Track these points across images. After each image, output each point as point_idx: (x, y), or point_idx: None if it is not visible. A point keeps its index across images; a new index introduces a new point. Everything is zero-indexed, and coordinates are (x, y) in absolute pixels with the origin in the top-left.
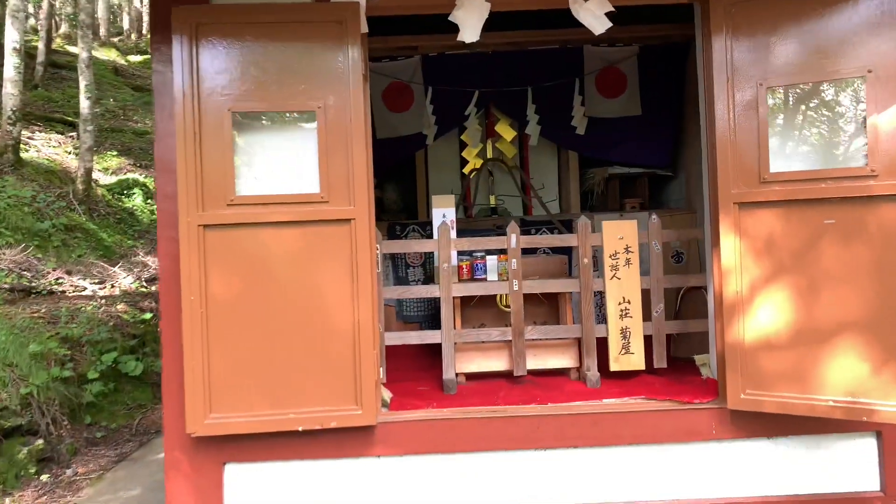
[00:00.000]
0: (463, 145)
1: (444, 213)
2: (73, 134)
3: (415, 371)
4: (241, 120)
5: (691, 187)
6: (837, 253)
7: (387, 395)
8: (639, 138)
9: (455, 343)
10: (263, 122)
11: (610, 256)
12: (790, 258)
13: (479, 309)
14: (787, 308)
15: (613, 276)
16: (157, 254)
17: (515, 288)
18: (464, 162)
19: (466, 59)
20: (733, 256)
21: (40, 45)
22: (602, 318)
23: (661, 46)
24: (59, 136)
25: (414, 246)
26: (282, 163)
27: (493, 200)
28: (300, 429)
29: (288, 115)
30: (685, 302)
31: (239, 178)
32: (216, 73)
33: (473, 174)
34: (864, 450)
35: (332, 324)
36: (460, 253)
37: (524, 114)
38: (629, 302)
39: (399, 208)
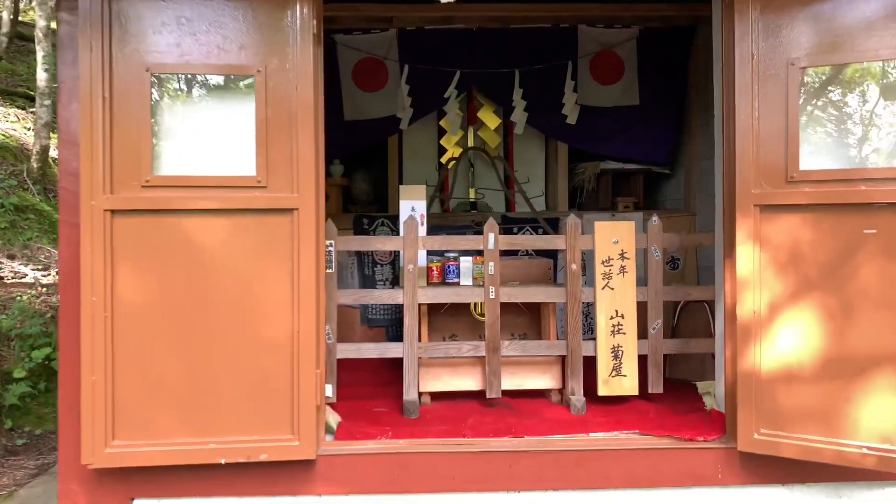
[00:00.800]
0: (442, 132)
1: (412, 205)
2: (35, 109)
3: (373, 386)
4: (163, 83)
5: (691, 187)
6: (879, 269)
7: (333, 419)
8: (635, 131)
9: (420, 358)
10: (190, 86)
11: (602, 263)
12: (820, 273)
13: (449, 317)
14: (813, 333)
15: (605, 285)
16: (59, 243)
17: (492, 296)
18: (442, 150)
19: (448, 35)
20: (751, 268)
21: (5, 16)
22: (590, 332)
23: (663, 30)
24: (20, 110)
25: (374, 244)
26: (212, 138)
27: (472, 194)
28: (223, 461)
29: (221, 79)
30: (684, 317)
31: (158, 155)
32: (134, 25)
33: (452, 164)
34: None
35: (266, 335)
36: (431, 253)
37: (510, 99)
38: (622, 316)
39: (370, 199)
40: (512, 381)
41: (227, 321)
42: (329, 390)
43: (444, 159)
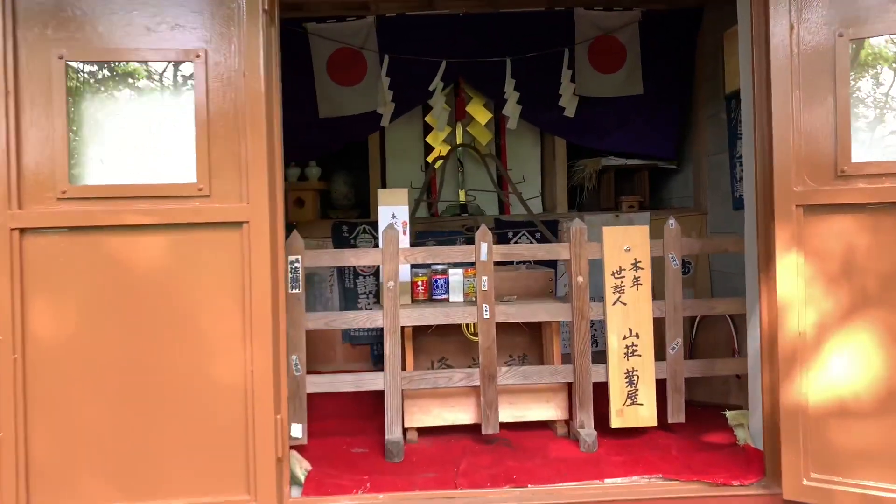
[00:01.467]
0: (428, 129)
1: (392, 211)
2: None
3: (353, 419)
4: (81, 74)
5: (700, 183)
6: None
7: (301, 468)
8: (639, 123)
9: (404, 389)
10: (115, 77)
11: (613, 274)
12: (880, 286)
13: (438, 337)
14: (874, 358)
15: (617, 300)
16: None
17: (486, 315)
18: (429, 149)
19: (431, 21)
20: (794, 281)
21: None
22: (598, 349)
23: (667, 12)
24: None
25: (349, 258)
26: (143, 139)
27: (462, 196)
28: None
29: (153, 67)
30: (703, 330)
31: (76, 161)
32: (42, 5)
33: (439, 164)
34: None
35: (214, 375)
36: (416, 265)
37: (501, 91)
38: (637, 335)
39: (351, 204)
40: (511, 411)
41: (165, 360)
42: (297, 430)
43: (430, 158)
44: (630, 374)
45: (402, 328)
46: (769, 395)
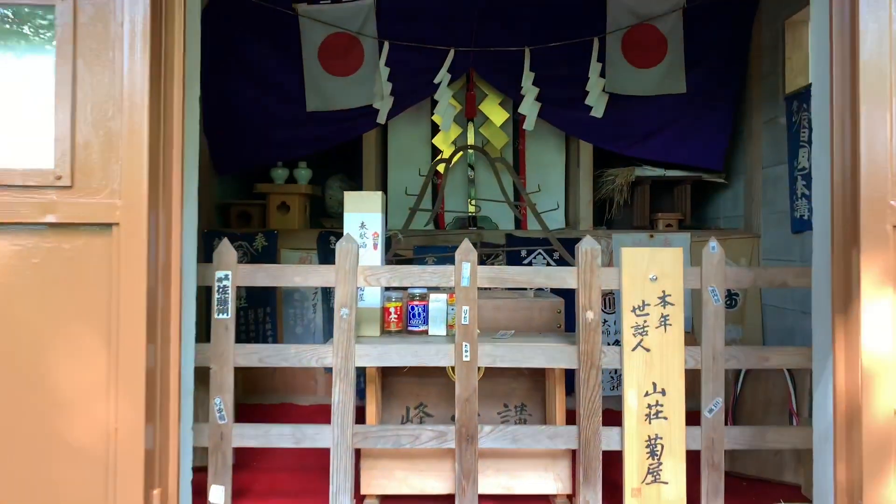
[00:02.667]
0: (436, 129)
1: (361, 219)
2: None
3: (299, 476)
4: None
5: (752, 200)
6: None
7: None
8: (680, 127)
9: (359, 448)
10: None
11: (634, 310)
12: None
13: (415, 378)
14: None
15: (638, 344)
16: None
17: (466, 357)
18: (437, 153)
19: (439, 4)
20: (887, 332)
21: None
22: (616, 392)
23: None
24: None
25: (291, 275)
26: None
27: (472, 207)
28: None
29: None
30: (751, 384)
31: None
32: None
33: (442, 167)
34: None
35: (62, 435)
36: (389, 288)
37: (519, 86)
38: (663, 392)
39: None
40: (498, 479)
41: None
42: (217, 495)
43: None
44: (652, 442)
45: (357, 369)
46: (846, 497)
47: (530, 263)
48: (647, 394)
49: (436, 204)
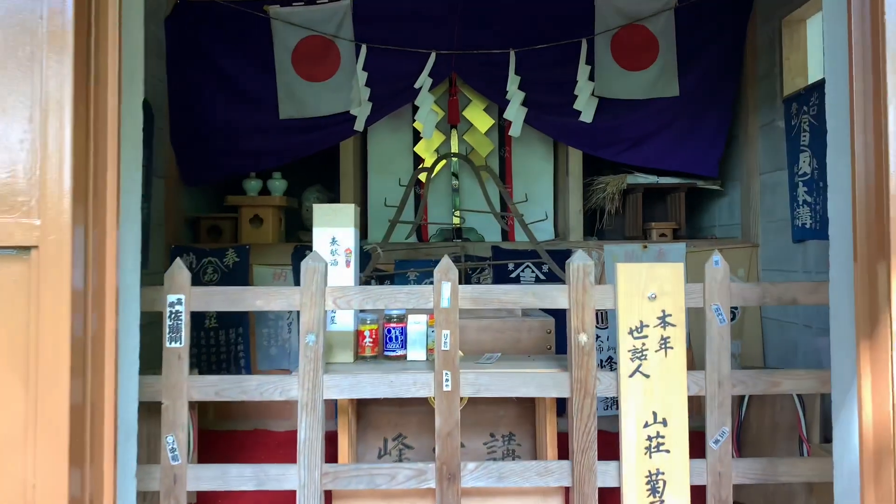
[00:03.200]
0: (419, 137)
1: (332, 234)
2: None
3: None
4: None
5: (750, 208)
6: None
7: None
8: (674, 132)
9: (330, 489)
10: None
11: (631, 332)
12: None
13: (395, 408)
14: None
15: (636, 370)
16: None
17: (447, 387)
18: (419, 161)
19: (420, 5)
20: None
21: None
22: (613, 412)
23: None
24: None
25: (251, 301)
26: None
27: (456, 218)
28: None
29: None
30: (755, 408)
31: None
32: None
33: (423, 176)
34: None
35: None
36: (364, 310)
37: (504, 90)
38: (665, 422)
39: None
40: None
41: None
42: None
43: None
44: (653, 478)
45: (326, 401)
46: None
47: (518, 277)
48: (646, 424)
49: (417, 215)
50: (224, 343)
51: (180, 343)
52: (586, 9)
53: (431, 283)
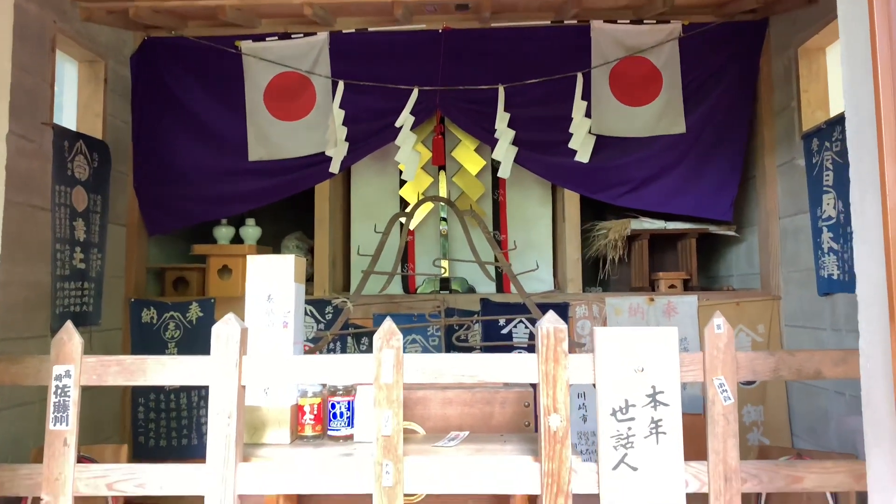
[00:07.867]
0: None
1: (268, 292)
2: None
3: None
4: None
5: (770, 256)
6: None
7: None
8: (682, 173)
9: None
10: None
11: (614, 413)
12: None
13: (345, 499)
14: None
15: (621, 461)
16: None
17: (388, 482)
18: (405, 206)
19: (401, 39)
20: None
21: None
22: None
23: (718, 25)
24: None
25: (151, 375)
26: None
27: (443, 268)
28: None
29: None
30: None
31: None
32: None
33: (407, 224)
34: None
35: None
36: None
37: (491, 128)
38: None
39: (309, 275)
40: None
41: None
42: None
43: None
44: None
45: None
46: None
47: (510, 334)
48: None
49: (394, 265)
50: (186, 407)
51: (67, 424)
52: (582, 40)
53: (415, 339)
